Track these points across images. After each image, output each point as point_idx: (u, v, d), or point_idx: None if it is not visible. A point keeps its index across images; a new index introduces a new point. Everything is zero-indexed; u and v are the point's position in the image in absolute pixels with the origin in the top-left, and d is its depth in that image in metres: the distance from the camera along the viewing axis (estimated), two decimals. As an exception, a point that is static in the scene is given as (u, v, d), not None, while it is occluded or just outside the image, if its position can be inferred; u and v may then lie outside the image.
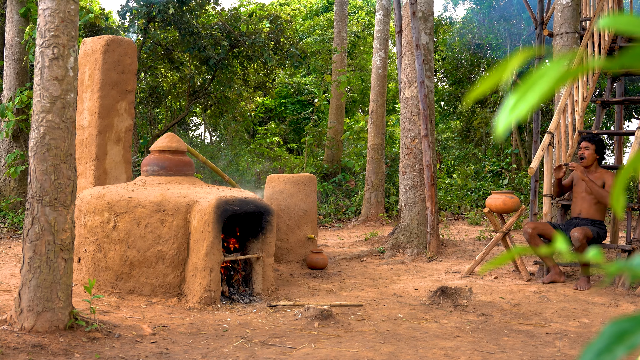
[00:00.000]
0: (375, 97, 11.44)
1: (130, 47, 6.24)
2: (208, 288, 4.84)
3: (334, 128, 14.57)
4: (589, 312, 5.04)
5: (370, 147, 11.40)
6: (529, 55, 0.71)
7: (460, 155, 17.06)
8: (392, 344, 4.08)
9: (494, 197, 6.60)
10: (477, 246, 8.48)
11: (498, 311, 5.03)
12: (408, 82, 8.13)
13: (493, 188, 14.23)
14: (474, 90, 0.69)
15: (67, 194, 3.91)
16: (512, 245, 6.77)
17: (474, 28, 17.12)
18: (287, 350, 3.90)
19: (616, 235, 8.00)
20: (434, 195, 7.79)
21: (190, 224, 5.01)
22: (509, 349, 4.01)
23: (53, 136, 3.85)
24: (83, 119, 6.15)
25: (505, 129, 0.67)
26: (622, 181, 0.71)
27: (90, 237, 5.22)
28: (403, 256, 7.71)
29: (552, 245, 0.86)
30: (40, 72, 3.86)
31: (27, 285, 3.82)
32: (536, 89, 0.65)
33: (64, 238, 3.89)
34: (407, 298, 5.48)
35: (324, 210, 12.17)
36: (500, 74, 0.68)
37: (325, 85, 14.46)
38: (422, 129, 7.82)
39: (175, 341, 4.02)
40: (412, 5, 7.91)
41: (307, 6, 22.38)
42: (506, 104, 0.67)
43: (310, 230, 7.02)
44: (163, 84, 15.14)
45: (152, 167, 5.72)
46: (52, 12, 3.83)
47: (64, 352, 3.60)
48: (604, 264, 0.74)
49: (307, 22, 20.75)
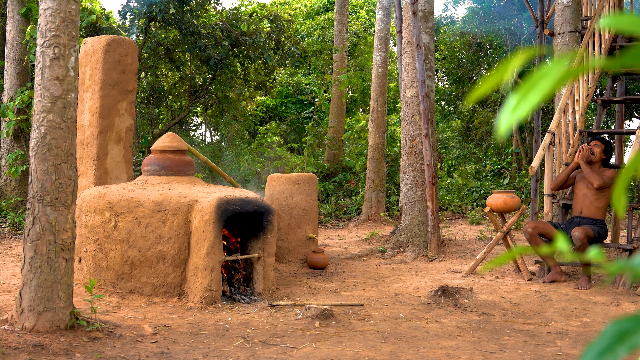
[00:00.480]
0: (375, 97, 11.44)
1: (131, 47, 6.24)
2: (209, 288, 4.84)
3: (335, 127, 14.57)
4: (590, 312, 5.04)
5: (371, 147, 11.40)
6: (530, 55, 0.71)
7: (461, 154, 17.06)
8: (393, 343, 4.08)
9: (495, 196, 6.60)
10: (478, 245, 8.48)
11: (499, 310, 5.03)
12: (409, 82, 8.12)
13: (494, 187, 14.22)
14: (475, 90, 0.69)
15: (68, 193, 3.91)
16: (513, 245, 6.77)
17: (474, 27, 17.11)
18: (288, 349, 3.90)
19: (617, 234, 8.00)
20: (435, 195, 7.79)
21: (191, 224, 5.01)
22: (509, 349, 4.01)
23: (54, 136, 3.85)
24: (84, 119, 6.15)
25: (507, 130, 0.67)
26: (623, 180, 0.71)
27: (91, 237, 5.22)
28: (404, 256, 7.70)
29: (552, 244, 0.86)
30: (41, 72, 3.87)
31: (28, 285, 3.82)
32: (537, 90, 0.65)
33: (65, 238, 3.89)
34: (408, 297, 5.48)
35: (324, 209, 12.17)
36: (501, 74, 0.68)
37: (326, 84, 14.46)
38: (423, 129, 7.82)
39: (176, 341, 4.02)
40: (413, 5, 7.91)
41: (308, 6, 22.38)
42: (508, 104, 0.67)
43: (311, 230, 7.02)
44: (164, 84, 15.14)
45: (153, 166, 5.72)
46: (53, 12, 3.84)
47: (65, 351, 3.60)
48: (604, 263, 0.74)
49: (307, 22, 20.74)
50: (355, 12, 21.43)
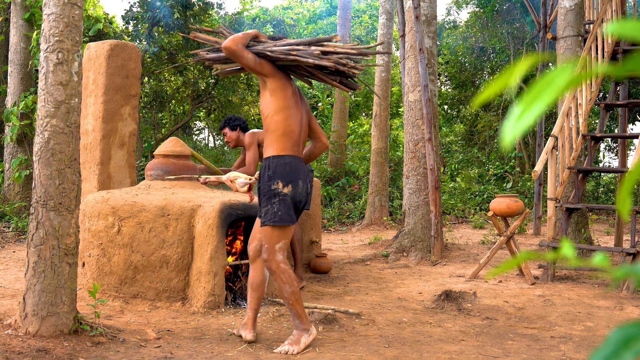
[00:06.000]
0: (378, 101, 11.45)
1: (134, 52, 6.26)
2: (212, 292, 4.84)
3: (338, 132, 14.58)
4: (594, 316, 5.03)
5: (374, 151, 11.40)
6: (535, 61, 0.71)
7: (464, 158, 17.05)
8: (396, 348, 4.07)
9: (498, 200, 6.60)
10: (481, 250, 8.47)
11: (502, 315, 5.02)
12: (412, 86, 8.13)
13: (497, 191, 14.22)
14: (479, 94, 0.69)
15: (71, 198, 3.91)
16: (517, 249, 6.76)
17: (477, 31, 17.12)
18: (291, 354, 3.89)
19: (621, 238, 7.99)
20: (438, 199, 7.78)
21: (194, 228, 5.01)
22: (513, 353, 4.00)
23: (57, 141, 3.86)
24: (87, 124, 6.17)
25: (512, 139, 0.67)
26: (627, 184, 0.71)
27: (94, 242, 5.23)
28: (407, 260, 7.70)
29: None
30: (45, 77, 3.88)
31: (32, 290, 3.83)
32: (542, 99, 0.65)
33: (69, 242, 3.90)
34: (411, 302, 5.48)
35: (327, 214, 12.16)
36: (505, 80, 0.68)
37: (329, 89, 14.47)
38: (426, 133, 7.82)
39: (180, 345, 4.02)
40: (416, 9, 7.91)
41: (311, 10, 22.41)
42: (513, 113, 0.67)
43: (314, 234, 7.02)
44: (167, 89, 15.17)
45: (156, 171, 5.73)
46: (56, 17, 3.85)
47: (69, 356, 3.60)
48: (609, 267, 0.74)
49: (310, 26, 20.77)
50: (358, 17, 21.46)
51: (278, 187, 3.80)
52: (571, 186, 7.42)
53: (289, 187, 3.80)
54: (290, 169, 3.80)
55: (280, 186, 3.79)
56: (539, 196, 10.24)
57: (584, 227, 7.71)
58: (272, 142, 3.85)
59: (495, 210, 6.59)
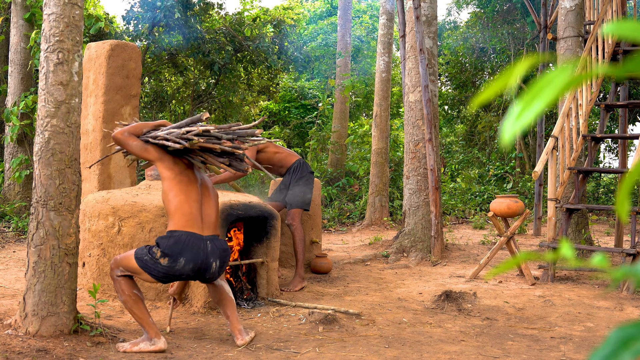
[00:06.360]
0: (379, 101, 11.45)
1: (135, 52, 6.26)
2: (212, 292, 4.84)
3: (338, 132, 14.58)
4: (594, 316, 5.03)
5: (374, 151, 11.40)
6: (535, 61, 0.71)
7: (464, 159, 17.05)
8: (396, 348, 4.07)
9: (498, 201, 6.60)
10: (482, 250, 8.47)
11: (502, 315, 5.02)
12: (412, 86, 8.13)
13: (497, 192, 14.21)
14: (479, 95, 0.69)
15: (71, 198, 3.91)
16: (517, 250, 6.76)
17: (477, 32, 17.13)
18: (291, 354, 3.89)
19: (621, 239, 7.98)
20: (438, 199, 7.78)
21: (194, 228, 5.00)
22: (513, 353, 4.00)
23: (58, 141, 3.86)
24: (87, 124, 6.17)
25: (512, 137, 0.67)
26: (627, 185, 0.71)
27: (94, 242, 5.23)
28: (407, 260, 7.70)
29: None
30: (45, 77, 3.88)
31: (32, 290, 3.83)
32: (541, 98, 0.65)
33: (69, 242, 3.90)
34: (412, 302, 5.48)
35: (328, 214, 12.17)
36: (506, 80, 0.68)
37: (329, 89, 14.48)
38: (426, 133, 7.82)
39: (180, 345, 4.02)
40: (416, 10, 7.92)
41: (311, 10, 22.42)
42: (512, 112, 0.67)
43: (315, 235, 7.02)
44: (167, 89, 15.18)
45: (157, 171, 5.73)
46: (57, 17, 3.85)
47: (69, 356, 3.60)
48: (609, 268, 0.74)
49: (310, 27, 20.78)
50: (359, 17, 21.47)
51: (157, 254, 3.78)
52: (571, 187, 7.42)
53: (166, 260, 3.78)
54: (173, 242, 3.79)
55: (159, 254, 3.78)
56: (539, 197, 10.24)
57: (584, 227, 7.71)
58: (169, 218, 3.93)
59: (495, 210, 6.59)
